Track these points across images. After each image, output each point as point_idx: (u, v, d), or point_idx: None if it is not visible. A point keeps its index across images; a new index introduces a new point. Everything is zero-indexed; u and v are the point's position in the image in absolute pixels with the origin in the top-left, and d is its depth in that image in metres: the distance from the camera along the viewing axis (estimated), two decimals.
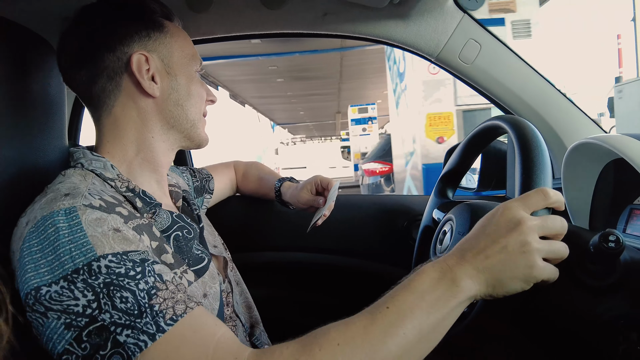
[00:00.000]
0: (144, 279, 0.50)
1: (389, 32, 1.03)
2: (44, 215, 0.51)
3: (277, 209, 1.28)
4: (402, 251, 1.20)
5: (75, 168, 0.64)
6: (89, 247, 0.49)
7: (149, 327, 0.47)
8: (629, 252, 0.55)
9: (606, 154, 0.75)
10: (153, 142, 0.69)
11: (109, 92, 0.66)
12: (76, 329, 0.46)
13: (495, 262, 0.51)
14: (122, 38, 0.66)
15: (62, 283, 0.47)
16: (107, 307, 0.47)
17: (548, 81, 1.02)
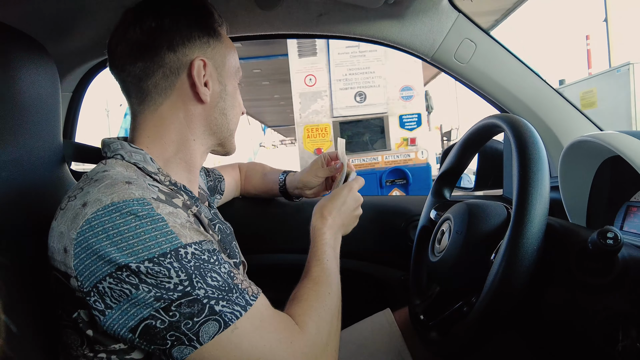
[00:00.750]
0: (223, 264, 0.56)
1: (383, 33, 1.03)
2: (115, 202, 0.52)
3: (275, 211, 1.27)
4: (400, 252, 1.19)
5: (115, 159, 0.64)
6: (174, 235, 0.53)
7: (239, 300, 0.54)
8: (627, 249, 0.55)
9: (602, 152, 0.75)
10: (193, 144, 0.71)
11: (161, 89, 0.67)
12: (167, 300, 0.51)
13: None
14: (185, 40, 0.67)
15: (146, 264, 0.50)
16: (200, 284, 0.52)
17: (544, 80, 1.02)
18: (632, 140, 0.65)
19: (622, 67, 6.19)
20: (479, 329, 0.59)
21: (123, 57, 0.66)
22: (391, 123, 2.79)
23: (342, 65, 2.79)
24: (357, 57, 2.79)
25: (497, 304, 0.56)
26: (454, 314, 0.69)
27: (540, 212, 0.55)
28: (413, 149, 2.79)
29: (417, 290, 0.87)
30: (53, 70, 0.74)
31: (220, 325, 0.52)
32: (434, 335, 0.72)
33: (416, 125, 2.80)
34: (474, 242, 0.67)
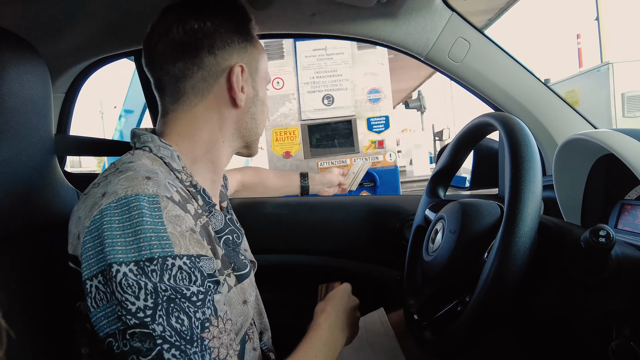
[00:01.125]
0: (202, 308, 0.51)
1: (377, 32, 1.03)
2: (127, 195, 0.52)
3: (269, 212, 1.27)
4: (395, 252, 1.19)
5: (143, 150, 0.65)
6: (168, 242, 0.51)
7: (196, 357, 0.48)
8: (621, 247, 0.55)
9: (596, 150, 0.75)
10: (222, 146, 0.72)
11: (198, 91, 0.68)
12: (124, 324, 0.48)
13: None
14: (226, 45, 0.68)
15: (132, 267, 0.49)
16: (162, 320, 0.48)
17: (537, 78, 1.02)
18: (626, 138, 0.64)
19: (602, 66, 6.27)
20: (473, 328, 0.58)
21: (163, 55, 0.67)
22: (359, 126, 2.80)
23: (309, 68, 2.79)
24: (324, 60, 2.80)
25: (490, 303, 0.55)
26: (448, 313, 0.69)
27: (532, 210, 0.54)
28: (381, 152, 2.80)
29: (412, 290, 0.87)
30: (44, 71, 0.73)
31: None
32: (428, 335, 0.71)
33: (384, 128, 2.81)
34: (467, 241, 0.67)
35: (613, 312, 0.51)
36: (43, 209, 0.68)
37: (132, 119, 5.62)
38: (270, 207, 1.28)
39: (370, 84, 2.80)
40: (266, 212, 1.27)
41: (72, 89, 1.22)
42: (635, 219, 0.72)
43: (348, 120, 2.82)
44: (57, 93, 1.19)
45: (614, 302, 0.51)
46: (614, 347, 0.49)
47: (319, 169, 2.48)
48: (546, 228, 0.62)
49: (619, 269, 0.52)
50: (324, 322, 0.74)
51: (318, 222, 1.27)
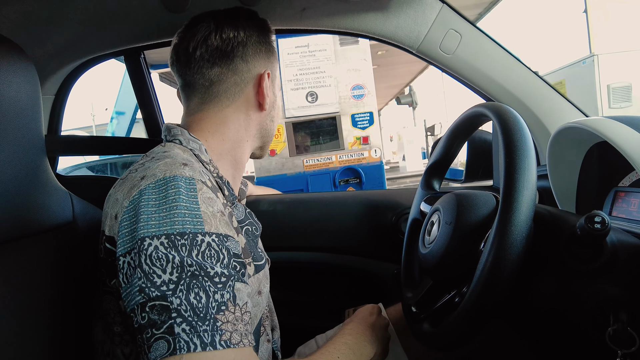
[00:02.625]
0: (222, 291, 0.52)
1: (368, 25, 1.03)
2: (166, 176, 0.56)
3: (264, 209, 1.27)
4: (392, 246, 1.19)
5: (173, 143, 0.70)
6: (200, 220, 0.54)
7: (204, 335, 0.48)
8: (616, 234, 0.55)
9: (590, 138, 0.75)
10: (246, 145, 0.78)
11: (230, 94, 0.74)
12: (146, 296, 0.50)
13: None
14: (255, 53, 0.75)
15: (163, 239, 0.51)
16: (181, 294, 0.49)
17: (529, 68, 1.02)
18: (618, 125, 0.65)
19: (587, 58, 6.34)
20: (471, 319, 0.58)
21: (202, 60, 0.72)
22: (344, 122, 2.80)
23: (292, 65, 2.79)
24: (307, 57, 2.80)
25: (488, 293, 0.55)
26: (446, 305, 0.69)
27: (528, 199, 0.54)
28: (366, 148, 2.80)
29: (409, 283, 0.87)
30: (32, 72, 0.72)
31: (169, 348, 0.47)
32: (426, 327, 0.71)
33: (368, 124, 2.81)
34: (463, 232, 0.67)
35: (610, 298, 0.51)
36: (35, 213, 0.67)
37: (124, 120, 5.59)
38: (265, 205, 1.28)
39: (354, 80, 2.80)
40: (261, 210, 1.26)
41: (61, 90, 1.20)
42: (629, 205, 0.72)
43: (332, 117, 2.82)
44: (47, 95, 1.18)
45: (611, 288, 0.52)
46: (611, 332, 0.49)
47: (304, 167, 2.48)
48: (542, 217, 0.62)
49: (615, 255, 0.52)
50: (351, 329, 0.77)
51: (314, 219, 1.27)
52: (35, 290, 0.62)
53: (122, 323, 0.59)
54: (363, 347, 0.75)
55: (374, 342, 0.78)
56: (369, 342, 0.77)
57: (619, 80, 6.14)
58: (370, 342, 0.77)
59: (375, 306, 0.87)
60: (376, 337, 0.79)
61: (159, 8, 0.97)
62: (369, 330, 0.79)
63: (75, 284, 0.68)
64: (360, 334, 0.76)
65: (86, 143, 1.28)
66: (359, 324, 0.79)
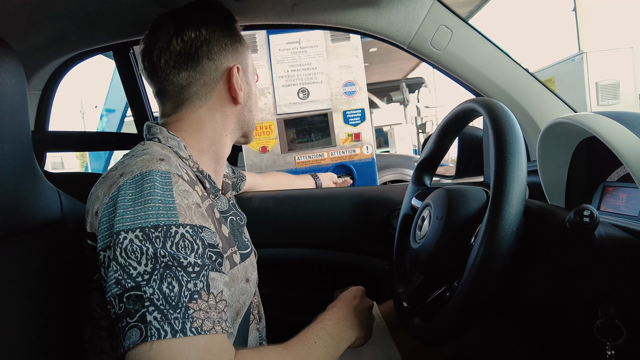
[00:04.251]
0: (195, 280, 0.53)
1: (359, 21, 1.02)
2: (143, 171, 0.57)
3: (255, 205, 1.26)
4: (384, 242, 1.19)
5: (152, 141, 0.70)
6: (174, 212, 0.55)
7: (176, 322, 0.50)
8: (604, 228, 0.55)
9: (579, 133, 0.76)
10: (225, 139, 0.78)
11: (202, 95, 0.73)
12: (122, 288, 0.51)
13: None
14: (221, 49, 0.73)
15: (137, 233, 0.52)
16: (154, 284, 0.51)
17: (519, 64, 1.02)
18: (607, 120, 0.65)
19: (576, 56, 6.41)
20: (462, 313, 0.58)
21: (168, 67, 0.71)
22: (335, 119, 2.79)
23: (283, 61, 2.76)
24: (298, 53, 2.77)
25: (479, 287, 0.55)
26: (437, 299, 0.69)
27: (518, 193, 0.55)
28: (358, 144, 2.81)
29: (401, 278, 0.87)
30: (18, 67, 0.70)
31: (140, 335, 0.49)
32: (417, 322, 0.71)
33: (360, 121, 2.81)
34: (454, 226, 0.67)
35: (598, 291, 0.52)
36: (23, 210, 0.66)
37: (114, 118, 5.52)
38: (257, 201, 1.27)
39: (345, 76, 2.79)
40: (253, 207, 1.25)
41: (49, 86, 1.18)
42: (617, 200, 0.73)
43: (324, 113, 2.80)
44: (34, 90, 1.16)
45: (599, 281, 0.52)
46: (599, 325, 0.50)
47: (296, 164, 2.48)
48: (531, 211, 0.62)
49: (603, 249, 0.53)
50: (331, 314, 0.76)
51: (306, 215, 1.27)
52: (24, 288, 0.61)
53: (108, 317, 0.59)
54: (343, 332, 0.74)
55: (356, 327, 0.77)
56: (349, 327, 0.76)
57: (607, 78, 6.22)
58: (351, 326, 0.76)
59: (359, 289, 0.86)
60: (358, 321, 0.78)
61: (148, 2, 0.96)
62: (350, 315, 0.78)
63: (64, 281, 0.67)
64: (340, 319, 0.76)
65: (74, 139, 1.27)
66: (341, 308, 0.79)
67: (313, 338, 0.68)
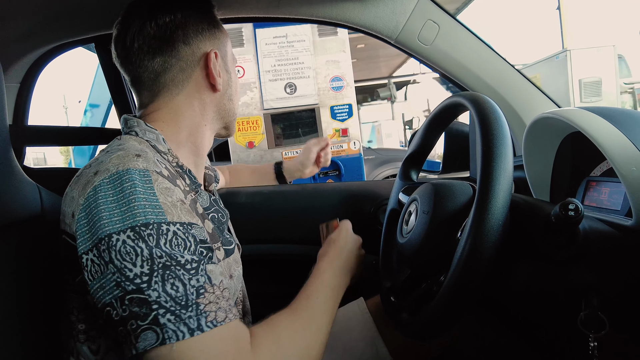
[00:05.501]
0: (196, 276, 0.52)
1: (346, 15, 1.02)
2: (119, 170, 0.54)
3: (242, 201, 1.25)
4: (371, 237, 1.19)
5: (130, 135, 0.67)
6: (161, 210, 0.53)
7: (191, 321, 0.49)
8: (588, 222, 0.56)
9: (564, 128, 0.76)
10: (204, 129, 0.75)
11: (178, 82, 0.71)
12: (123, 290, 0.50)
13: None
14: (197, 33, 0.71)
15: (129, 233, 0.50)
16: (157, 286, 0.50)
17: (505, 60, 1.03)
18: (591, 115, 0.66)
19: (560, 53, 6.52)
20: (448, 306, 0.58)
21: (142, 53, 0.68)
22: (323, 114, 2.79)
23: (270, 56, 2.75)
24: (286, 48, 2.76)
25: (465, 281, 0.55)
26: (424, 293, 0.69)
27: (505, 187, 0.55)
28: (345, 140, 2.81)
29: (388, 273, 0.87)
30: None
31: (157, 338, 0.48)
32: (404, 317, 0.71)
33: (347, 116, 2.81)
34: (440, 220, 0.67)
35: (582, 284, 0.52)
36: (1, 206, 0.64)
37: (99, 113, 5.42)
38: (243, 197, 1.26)
39: (333, 71, 2.78)
40: (239, 202, 1.24)
41: (27, 78, 1.15)
42: (600, 194, 0.74)
43: (311, 108, 2.79)
44: (11, 83, 1.13)
45: (583, 274, 0.53)
46: (583, 317, 0.50)
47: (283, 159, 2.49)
48: (517, 205, 0.63)
49: (587, 242, 0.53)
50: (327, 266, 0.76)
51: (292, 210, 1.26)
52: (3, 284, 0.59)
53: (85, 320, 0.58)
54: (341, 280, 0.75)
55: (351, 270, 0.79)
56: (345, 274, 0.78)
57: (590, 75, 6.33)
58: (347, 272, 0.78)
59: (347, 229, 0.87)
60: (352, 265, 0.80)
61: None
62: (343, 259, 0.79)
63: (45, 279, 0.66)
64: (336, 269, 0.77)
65: (54, 133, 1.24)
66: (335, 257, 0.79)
67: (315, 295, 0.69)
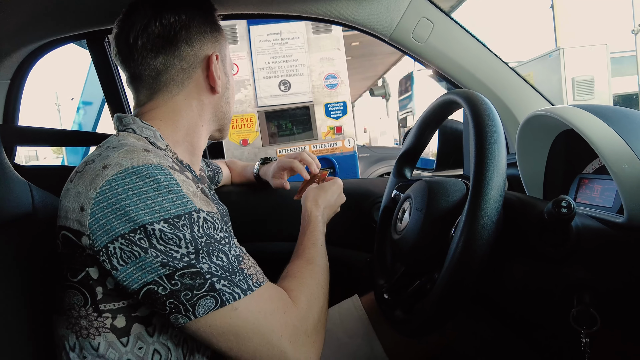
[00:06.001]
0: (232, 248, 0.59)
1: (341, 12, 1.01)
2: (135, 165, 0.55)
3: (235, 199, 1.24)
4: (365, 234, 1.19)
5: (127, 132, 0.67)
6: (188, 199, 0.56)
7: (241, 283, 0.56)
8: (580, 219, 0.56)
9: (557, 126, 0.77)
10: (201, 130, 0.76)
11: (179, 82, 0.71)
12: (171, 268, 0.53)
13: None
14: (200, 35, 0.72)
15: (162, 224, 0.53)
16: (205, 260, 0.55)
17: (499, 58, 1.03)
18: (584, 113, 0.66)
19: (553, 52, 6.57)
20: (442, 304, 0.59)
21: (145, 50, 0.69)
22: (317, 112, 2.78)
23: (264, 53, 2.74)
24: (280, 45, 2.75)
25: (458, 278, 0.56)
26: (418, 291, 0.69)
27: (498, 184, 0.55)
28: (340, 138, 2.81)
29: (382, 271, 0.87)
30: None
31: (217, 302, 0.54)
32: (398, 314, 0.72)
33: (342, 114, 2.81)
34: (434, 218, 0.67)
35: (575, 280, 0.52)
36: None
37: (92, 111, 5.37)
38: (236, 195, 1.26)
39: (327, 69, 2.78)
40: (232, 200, 1.24)
41: (18, 75, 1.14)
42: (592, 191, 0.74)
43: (306, 106, 2.79)
44: (1, 79, 1.11)
45: (576, 271, 0.53)
46: (575, 313, 0.51)
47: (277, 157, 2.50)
48: (511, 202, 0.63)
49: (580, 239, 0.54)
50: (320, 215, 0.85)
51: (287, 209, 1.26)
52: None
53: (86, 317, 0.58)
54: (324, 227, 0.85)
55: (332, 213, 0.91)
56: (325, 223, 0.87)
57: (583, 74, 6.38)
58: (329, 217, 0.90)
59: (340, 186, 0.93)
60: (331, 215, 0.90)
61: None
62: (332, 211, 0.90)
63: (37, 277, 0.65)
64: (325, 217, 0.87)
65: (45, 133, 1.22)
66: (325, 208, 0.87)
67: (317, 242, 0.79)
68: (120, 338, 0.58)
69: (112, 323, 0.58)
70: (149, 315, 0.60)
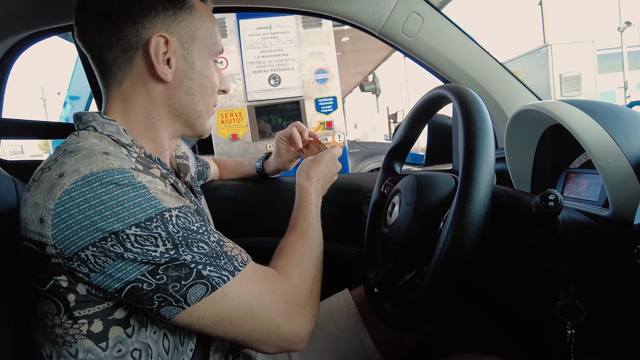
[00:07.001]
0: (211, 235, 0.58)
1: (331, 6, 1.01)
2: (94, 171, 0.52)
3: (225, 194, 1.24)
4: (355, 229, 1.20)
5: (87, 130, 0.62)
6: (157, 201, 0.54)
7: (227, 265, 0.57)
8: (567, 212, 0.57)
9: (545, 121, 0.77)
10: (159, 124, 0.68)
11: (120, 64, 0.64)
12: (153, 264, 0.52)
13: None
14: (147, 12, 0.62)
15: (134, 229, 0.51)
16: (187, 251, 0.54)
17: (488, 53, 1.04)
18: (571, 108, 0.66)
19: (541, 48, 6.63)
20: (431, 297, 0.59)
21: (86, 27, 0.63)
22: (307, 107, 2.77)
23: (254, 47, 2.71)
24: (269, 39, 2.73)
25: (447, 271, 0.56)
26: (407, 284, 0.70)
27: (486, 178, 0.55)
28: (330, 133, 2.81)
29: (371, 264, 0.87)
30: None
31: (207, 288, 0.54)
32: (388, 307, 0.72)
33: (332, 109, 2.81)
34: (423, 211, 0.67)
35: (561, 273, 0.53)
36: None
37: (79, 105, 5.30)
38: (227, 190, 1.25)
39: (317, 64, 2.76)
40: (223, 195, 1.23)
41: (1, 66, 1.11)
42: (579, 186, 0.75)
43: (296, 101, 2.78)
44: None
45: (562, 263, 0.54)
46: (561, 305, 0.51)
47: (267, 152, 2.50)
48: (499, 196, 0.63)
49: (566, 232, 0.54)
50: (313, 188, 0.86)
51: (277, 204, 1.25)
52: None
53: (61, 325, 0.55)
54: (320, 200, 0.86)
55: (324, 190, 0.90)
56: (322, 192, 0.88)
57: (570, 70, 6.45)
58: (323, 190, 0.90)
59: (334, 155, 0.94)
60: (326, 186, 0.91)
61: None
62: (327, 182, 0.91)
63: (20, 275, 0.64)
64: (319, 189, 0.87)
65: (29, 126, 1.20)
66: (320, 179, 0.88)
67: (310, 215, 0.79)
68: (99, 343, 0.56)
69: (89, 329, 0.55)
70: (126, 317, 0.57)
